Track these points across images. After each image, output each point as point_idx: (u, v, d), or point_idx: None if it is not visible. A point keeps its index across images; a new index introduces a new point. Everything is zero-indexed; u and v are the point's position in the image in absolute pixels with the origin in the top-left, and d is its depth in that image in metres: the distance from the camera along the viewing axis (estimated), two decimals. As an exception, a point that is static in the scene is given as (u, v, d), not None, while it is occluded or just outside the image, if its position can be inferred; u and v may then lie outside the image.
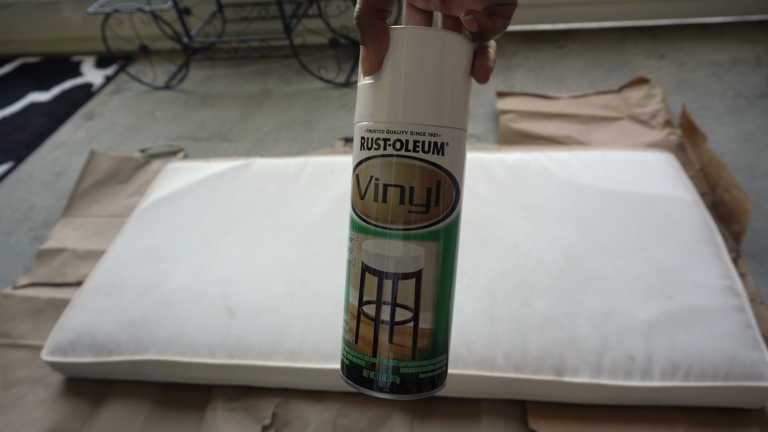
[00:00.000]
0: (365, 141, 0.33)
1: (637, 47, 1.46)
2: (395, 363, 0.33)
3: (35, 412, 0.76)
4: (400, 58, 0.32)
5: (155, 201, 1.00)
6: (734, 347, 0.65)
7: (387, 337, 0.33)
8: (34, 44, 1.93)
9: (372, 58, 0.32)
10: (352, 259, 0.35)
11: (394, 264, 0.33)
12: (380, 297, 0.33)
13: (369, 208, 0.33)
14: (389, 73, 0.32)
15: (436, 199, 0.33)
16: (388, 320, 0.33)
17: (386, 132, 0.32)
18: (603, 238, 0.80)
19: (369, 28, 0.32)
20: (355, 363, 0.35)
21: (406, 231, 0.33)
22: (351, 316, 0.35)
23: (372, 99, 0.33)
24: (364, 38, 0.32)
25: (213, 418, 0.72)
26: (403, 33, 0.32)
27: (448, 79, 0.32)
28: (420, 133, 0.32)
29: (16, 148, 1.41)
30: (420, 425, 0.69)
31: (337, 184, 0.97)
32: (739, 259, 0.83)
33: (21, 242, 1.10)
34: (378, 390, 0.34)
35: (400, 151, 0.32)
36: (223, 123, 1.41)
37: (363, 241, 0.34)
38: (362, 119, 0.34)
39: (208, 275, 0.83)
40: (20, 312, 0.91)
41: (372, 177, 0.33)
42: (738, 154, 1.06)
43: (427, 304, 0.34)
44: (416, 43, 0.32)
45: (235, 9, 1.70)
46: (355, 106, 0.35)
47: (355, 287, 0.34)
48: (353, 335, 0.35)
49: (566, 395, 0.67)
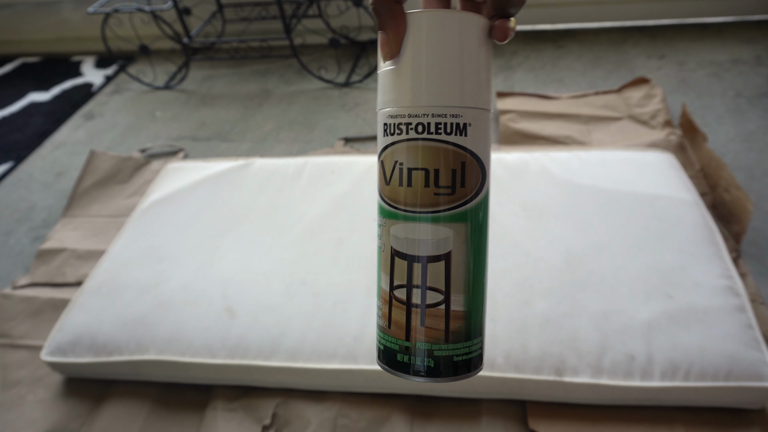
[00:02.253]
0: (388, 127, 0.33)
1: (637, 47, 1.46)
2: (429, 346, 0.33)
3: (35, 412, 0.76)
4: (418, 42, 0.32)
5: (155, 201, 1.00)
6: (734, 347, 0.65)
7: (419, 321, 0.33)
8: (34, 44, 1.93)
9: (391, 42, 0.32)
10: (382, 245, 0.34)
11: (423, 247, 0.33)
12: (411, 280, 0.33)
13: (395, 193, 0.33)
14: (408, 57, 0.32)
15: (461, 180, 0.32)
16: (420, 303, 0.33)
17: (407, 116, 0.32)
18: (603, 238, 0.80)
19: (386, 12, 0.32)
20: (389, 348, 0.35)
21: (432, 213, 0.32)
22: (383, 301, 0.35)
23: (392, 84, 0.33)
24: (382, 23, 0.32)
25: (213, 418, 0.72)
26: (421, 16, 0.32)
27: (466, 59, 0.32)
28: (441, 115, 0.32)
29: (16, 148, 1.41)
30: (420, 425, 0.69)
31: (337, 184, 0.97)
32: (739, 259, 0.83)
33: (21, 242, 1.10)
34: (414, 374, 0.34)
35: (422, 134, 0.32)
36: (223, 123, 1.41)
37: (391, 226, 0.34)
38: (384, 105, 0.34)
39: (208, 275, 0.83)
40: (20, 312, 0.91)
41: (396, 162, 0.33)
42: (738, 154, 1.06)
43: (457, 286, 0.33)
44: (433, 25, 0.32)
45: (235, 9, 1.70)
46: (377, 94, 0.35)
47: (385, 272, 0.34)
48: (386, 320, 0.35)
49: (566, 395, 0.67)
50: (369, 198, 0.93)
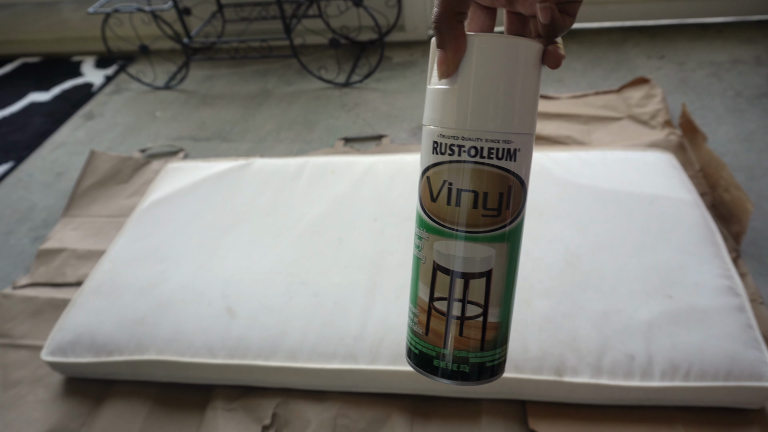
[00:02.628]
0: (438, 145, 0.34)
1: (637, 47, 1.46)
2: (465, 354, 0.36)
3: (35, 412, 0.76)
4: (476, 65, 0.32)
5: (155, 201, 1.00)
6: (734, 347, 0.65)
7: (457, 331, 0.35)
8: (34, 44, 1.93)
9: (450, 61, 0.32)
10: (422, 257, 0.36)
11: (466, 264, 0.34)
12: (452, 294, 0.35)
13: (441, 211, 0.34)
14: (465, 79, 0.33)
15: (507, 203, 0.34)
16: (459, 315, 0.35)
17: (461, 138, 0.33)
18: (603, 238, 0.80)
19: (448, 31, 0.32)
20: (424, 353, 0.37)
21: (478, 234, 0.34)
22: (421, 310, 0.36)
23: (446, 104, 0.33)
24: (443, 41, 0.32)
25: (213, 418, 0.72)
26: (482, 40, 0.33)
27: (521, 86, 0.33)
28: (495, 140, 0.33)
29: (16, 148, 1.41)
30: (420, 425, 0.69)
31: (337, 184, 0.97)
32: (739, 259, 0.83)
33: (21, 242, 1.10)
34: (447, 377, 0.36)
35: (475, 157, 0.33)
36: (223, 123, 1.41)
37: (435, 241, 0.35)
38: (434, 123, 0.34)
39: (208, 275, 0.83)
40: (20, 312, 0.91)
41: (445, 181, 0.33)
42: (738, 154, 1.06)
43: (495, 300, 0.35)
44: (495, 50, 0.32)
45: (235, 9, 1.70)
46: (425, 107, 0.35)
47: (425, 284, 0.36)
48: (423, 327, 0.36)
49: (566, 395, 0.67)
50: (369, 198, 0.93)
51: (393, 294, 0.76)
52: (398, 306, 0.75)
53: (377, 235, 0.86)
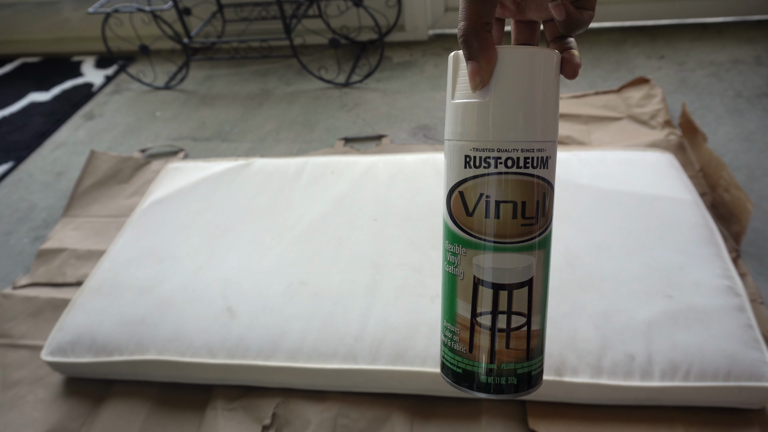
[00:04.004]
0: (471, 159, 0.34)
1: (637, 47, 1.46)
2: (513, 366, 0.36)
3: (35, 412, 0.76)
4: (509, 76, 0.33)
5: (155, 201, 1.00)
6: (734, 347, 0.65)
7: (505, 344, 0.35)
8: (34, 44, 1.93)
9: (483, 72, 0.32)
10: (459, 273, 0.35)
11: (510, 275, 0.34)
12: (496, 307, 0.35)
13: (480, 224, 0.34)
14: (498, 90, 0.33)
15: (543, 210, 0.34)
16: (505, 328, 0.35)
17: (496, 150, 0.33)
18: (603, 238, 0.80)
19: (478, 42, 0.32)
20: (470, 371, 0.36)
21: (518, 243, 0.34)
22: (462, 327, 0.36)
23: (479, 117, 0.33)
24: (474, 53, 0.32)
25: (213, 418, 0.72)
26: (508, 51, 0.33)
27: (550, 94, 0.34)
28: (529, 149, 0.33)
29: (16, 148, 1.41)
30: (420, 425, 0.69)
31: (337, 184, 0.97)
32: (739, 259, 0.83)
33: (21, 242, 1.10)
34: (497, 392, 0.36)
35: (512, 168, 0.33)
36: (223, 123, 1.41)
37: (473, 256, 0.34)
38: (465, 137, 0.34)
39: (208, 275, 0.83)
40: (20, 312, 0.91)
41: (482, 195, 0.33)
42: (738, 154, 1.06)
43: (536, 307, 0.36)
44: (523, 60, 0.33)
45: (235, 9, 1.70)
46: (449, 122, 0.35)
47: (465, 300, 0.35)
48: (466, 345, 0.36)
49: (566, 395, 0.67)
50: (369, 198, 0.93)
51: (393, 294, 0.76)
52: (398, 306, 0.75)
53: (377, 235, 0.86)
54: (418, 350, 0.70)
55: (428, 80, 1.47)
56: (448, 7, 1.64)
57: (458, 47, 0.34)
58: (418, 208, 0.90)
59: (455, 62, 0.34)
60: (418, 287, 0.77)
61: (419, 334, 0.71)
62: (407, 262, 0.81)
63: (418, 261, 0.81)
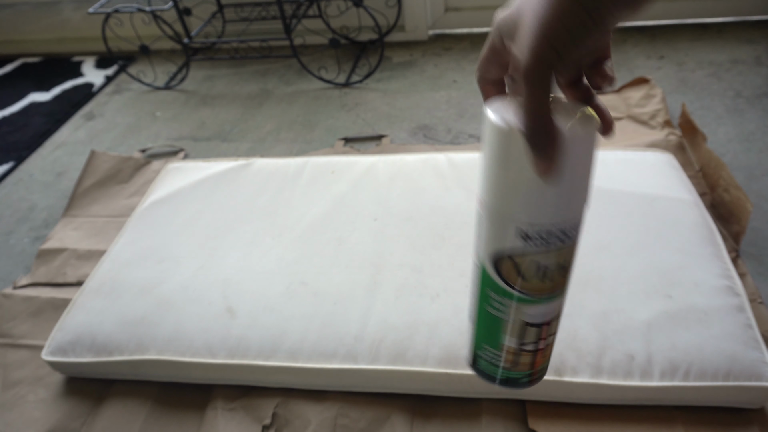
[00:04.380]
0: (528, 235, 0.36)
1: (637, 47, 1.46)
2: (543, 366, 0.45)
3: (35, 412, 0.76)
4: (570, 160, 0.32)
5: (155, 201, 1.00)
6: (734, 347, 0.65)
7: (542, 356, 0.44)
8: (34, 44, 1.93)
9: (555, 165, 0.31)
10: (507, 318, 0.41)
11: (552, 314, 0.41)
12: (539, 338, 0.42)
13: (533, 287, 0.39)
14: (561, 174, 0.32)
15: (573, 262, 0.39)
16: (544, 347, 0.43)
17: (555, 229, 0.35)
18: (603, 238, 0.80)
19: (550, 140, 0.30)
20: (514, 377, 0.45)
21: (560, 293, 0.40)
22: (509, 353, 0.43)
23: (540, 197, 0.34)
24: (542, 150, 0.30)
25: (213, 418, 0.72)
26: (571, 134, 0.32)
27: (594, 164, 0.35)
28: (577, 221, 0.36)
29: (16, 148, 1.41)
30: (420, 425, 0.69)
31: (337, 184, 0.98)
32: (738, 259, 0.83)
33: (21, 242, 1.11)
34: (532, 385, 0.46)
35: (563, 239, 0.36)
36: (223, 123, 1.41)
37: (523, 307, 0.40)
38: (519, 212, 0.35)
39: (208, 275, 0.83)
40: (20, 312, 0.91)
41: (539, 265, 0.37)
42: (738, 154, 1.06)
43: (558, 323, 0.44)
44: (584, 143, 0.33)
45: (235, 9, 1.70)
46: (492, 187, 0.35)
47: (513, 335, 0.42)
48: (512, 363, 0.44)
49: (566, 395, 0.67)
50: (369, 198, 0.93)
51: (393, 294, 0.76)
52: (398, 306, 0.75)
53: (377, 235, 0.86)
54: (418, 350, 0.70)
55: (428, 80, 1.47)
56: (448, 8, 1.64)
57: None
58: (418, 208, 0.90)
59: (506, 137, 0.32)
60: (418, 287, 0.77)
61: (419, 334, 0.71)
62: (407, 262, 0.81)
63: (418, 261, 0.81)
